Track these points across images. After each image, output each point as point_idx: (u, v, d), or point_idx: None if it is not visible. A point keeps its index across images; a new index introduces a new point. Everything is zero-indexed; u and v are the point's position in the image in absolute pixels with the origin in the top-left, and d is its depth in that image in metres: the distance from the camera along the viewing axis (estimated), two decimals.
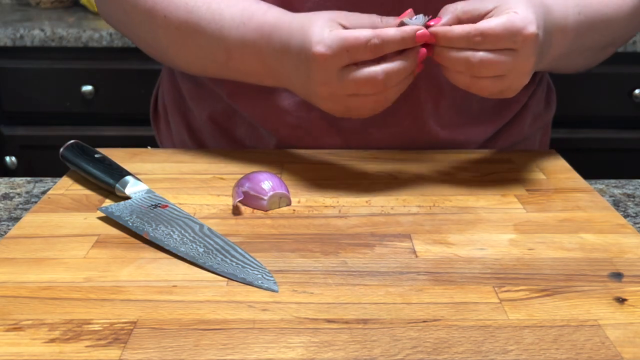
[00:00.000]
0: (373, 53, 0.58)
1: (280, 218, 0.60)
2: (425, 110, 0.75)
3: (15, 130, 1.78)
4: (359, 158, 0.74)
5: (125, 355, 0.40)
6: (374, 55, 0.58)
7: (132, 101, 1.75)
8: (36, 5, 2.03)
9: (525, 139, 0.84)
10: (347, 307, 0.45)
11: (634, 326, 0.44)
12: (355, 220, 0.59)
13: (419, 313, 0.45)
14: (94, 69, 1.72)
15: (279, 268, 0.51)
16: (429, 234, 0.56)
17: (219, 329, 0.43)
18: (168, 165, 0.72)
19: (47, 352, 0.41)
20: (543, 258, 0.53)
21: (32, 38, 1.68)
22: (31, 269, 0.50)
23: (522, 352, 0.41)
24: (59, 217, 0.59)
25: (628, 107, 1.72)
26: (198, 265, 0.51)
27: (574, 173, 0.70)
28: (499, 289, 0.48)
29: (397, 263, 0.52)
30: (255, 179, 0.62)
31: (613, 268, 0.51)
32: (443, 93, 0.75)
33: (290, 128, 0.76)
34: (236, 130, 0.80)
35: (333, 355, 0.41)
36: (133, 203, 0.60)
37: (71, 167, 0.68)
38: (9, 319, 0.44)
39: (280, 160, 0.73)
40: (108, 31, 1.67)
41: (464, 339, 0.42)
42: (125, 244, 0.54)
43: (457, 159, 0.74)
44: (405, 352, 0.41)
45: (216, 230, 0.55)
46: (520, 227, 0.58)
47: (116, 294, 0.47)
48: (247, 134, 0.80)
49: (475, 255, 0.53)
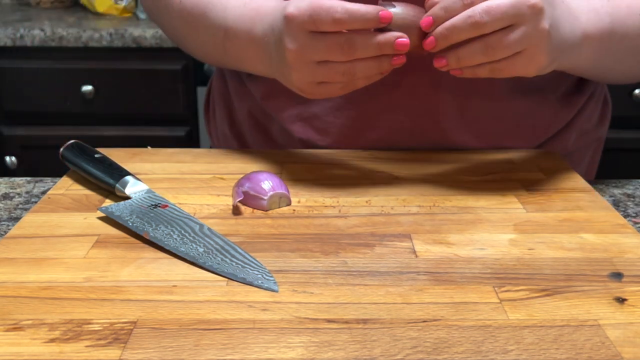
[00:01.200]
0: (336, 24, 0.57)
1: (280, 218, 0.60)
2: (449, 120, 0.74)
3: (15, 130, 1.78)
4: (359, 158, 0.74)
5: (125, 355, 0.40)
6: (336, 27, 0.58)
7: (132, 101, 1.75)
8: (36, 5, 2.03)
9: (569, 155, 0.81)
10: (347, 307, 0.45)
11: (634, 326, 0.44)
12: (355, 220, 0.59)
13: (419, 313, 0.45)
14: (94, 69, 1.72)
15: (279, 268, 0.51)
16: (429, 234, 0.56)
17: (219, 329, 0.43)
18: (168, 165, 0.72)
19: (47, 352, 0.41)
20: (543, 258, 0.53)
21: (32, 38, 1.68)
22: (31, 269, 0.50)
23: (522, 352, 0.41)
24: (59, 217, 0.59)
25: (628, 107, 1.72)
26: (198, 265, 0.51)
27: (574, 173, 0.70)
28: (499, 289, 0.48)
29: (397, 263, 0.52)
30: (255, 179, 0.62)
31: (613, 268, 0.51)
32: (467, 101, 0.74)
33: (317, 133, 0.77)
34: (271, 128, 0.82)
35: (333, 355, 0.41)
36: (133, 203, 0.60)
37: (71, 167, 0.68)
38: (9, 319, 0.44)
39: (280, 160, 0.73)
40: (108, 31, 1.68)
41: (464, 339, 0.42)
42: (125, 244, 0.54)
43: (457, 159, 0.74)
44: (405, 352, 0.41)
45: (216, 230, 0.55)
46: (520, 227, 0.58)
47: (116, 294, 0.47)
48: (279, 133, 0.81)
49: (475, 255, 0.53)
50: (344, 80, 0.61)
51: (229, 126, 0.87)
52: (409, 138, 0.75)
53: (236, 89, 0.84)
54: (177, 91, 1.71)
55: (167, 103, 1.73)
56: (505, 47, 0.57)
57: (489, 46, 0.57)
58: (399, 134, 0.75)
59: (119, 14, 1.88)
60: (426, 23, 0.59)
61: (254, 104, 0.82)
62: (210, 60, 0.77)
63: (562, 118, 0.79)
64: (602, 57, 0.67)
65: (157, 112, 1.76)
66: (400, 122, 0.74)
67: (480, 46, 0.57)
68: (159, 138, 1.76)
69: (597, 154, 0.87)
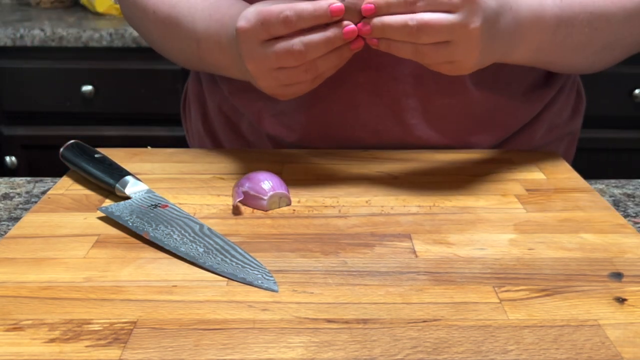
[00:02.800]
0: (288, 27, 0.58)
1: (280, 218, 0.60)
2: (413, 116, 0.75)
3: (15, 130, 1.78)
4: (359, 158, 0.74)
5: (125, 355, 0.40)
6: (289, 29, 0.58)
7: (132, 101, 1.75)
8: (36, 5, 2.03)
9: (536, 149, 0.81)
10: (347, 307, 0.45)
11: (634, 326, 0.44)
12: (355, 220, 0.59)
13: (419, 313, 0.45)
14: (94, 69, 1.72)
15: (279, 268, 0.51)
16: (429, 234, 0.56)
17: (219, 329, 0.43)
18: (168, 165, 0.72)
19: (47, 352, 0.41)
20: (543, 258, 0.53)
21: (32, 38, 1.68)
22: (31, 269, 0.50)
23: (522, 352, 0.41)
24: (59, 217, 0.59)
25: (628, 107, 1.72)
26: (198, 265, 0.51)
27: (574, 173, 0.70)
28: (499, 289, 0.48)
29: (397, 263, 0.52)
30: (255, 179, 0.62)
31: (613, 268, 0.51)
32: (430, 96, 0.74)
33: (285, 129, 0.77)
34: (241, 125, 0.82)
35: (333, 355, 0.41)
36: (133, 203, 0.60)
37: (71, 167, 0.68)
38: (9, 319, 0.44)
39: (280, 160, 0.73)
40: (108, 31, 1.68)
41: (464, 339, 0.42)
42: (125, 244, 0.54)
43: (457, 159, 0.74)
44: (405, 352, 0.41)
45: (216, 230, 0.55)
46: (520, 227, 0.58)
47: (116, 294, 0.47)
48: (248, 130, 0.82)
49: (475, 255, 0.53)
50: (310, 77, 0.61)
51: (202, 124, 0.88)
52: (374, 135, 0.76)
53: (208, 86, 0.85)
54: (177, 91, 1.71)
55: (167, 103, 1.73)
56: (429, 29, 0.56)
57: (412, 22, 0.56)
58: (363, 130, 0.75)
59: (119, 14, 1.88)
60: (367, 9, 0.58)
61: (224, 100, 0.83)
62: (189, 66, 0.78)
63: (529, 112, 0.79)
64: (542, 54, 0.67)
65: (157, 112, 1.76)
66: (364, 119, 0.75)
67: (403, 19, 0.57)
68: (159, 138, 1.75)
69: (571, 148, 0.87)
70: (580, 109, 0.86)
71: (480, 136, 0.77)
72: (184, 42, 0.71)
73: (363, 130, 0.75)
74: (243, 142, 0.83)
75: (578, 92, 0.86)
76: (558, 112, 0.82)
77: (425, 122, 0.75)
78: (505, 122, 0.78)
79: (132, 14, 0.79)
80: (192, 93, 0.90)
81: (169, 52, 0.78)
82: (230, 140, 0.84)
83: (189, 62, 0.76)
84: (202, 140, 0.88)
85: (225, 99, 0.83)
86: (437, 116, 0.75)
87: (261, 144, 0.81)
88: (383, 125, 0.75)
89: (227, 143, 0.84)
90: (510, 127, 0.79)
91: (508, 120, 0.78)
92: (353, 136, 0.76)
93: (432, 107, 0.74)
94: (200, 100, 0.88)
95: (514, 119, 0.78)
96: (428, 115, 0.75)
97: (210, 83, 0.85)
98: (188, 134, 0.94)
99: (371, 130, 0.75)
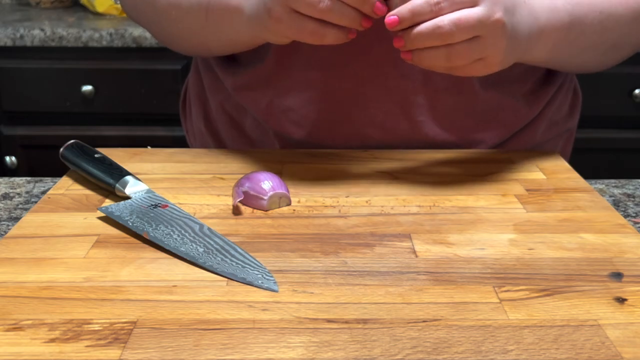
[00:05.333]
0: None
1: (280, 218, 0.60)
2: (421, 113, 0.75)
3: (15, 130, 1.78)
4: (359, 158, 0.74)
5: (125, 355, 0.40)
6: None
7: (132, 101, 1.75)
8: (36, 5, 2.03)
9: (538, 146, 0.82)
10: (347, 307, 0.45)
11: (634, 326, 0.44)
12: (355, 220, 0.59)
13: (419, 313, 0.45)
14: (94, 69, 1.72)
15: (279, 268, 0.51)
16: (429, 234, 0.56)
17: (219, 329, 0.43)
18: (168, 165, 0.72)
19: (47, 352, 0.41)
20: (543, 258, 0.53)
21: (32, 38, 1.68)
22: (31, 269, 0.50)
23: (522, 352, 0.41)
24: (59, 217, 0.59)
25: (628, 107, 1.72)
26: (198, 265, 0.51)
27: (574, 173, 0.70)
28: (499, 289, 0.48)
29: (397, 263, 0.52)
30: (255, 179, 0.62)
31: (613, 268, 0.51)
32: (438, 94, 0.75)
33: (294, 126, 0.77)
34: (244, 124, 0.82)
35: (333, 355, 0.41)
36: (133, 203, 0.60)
37: (71, 167, 0.68)
38: (9, 319, 0.44)
39: (280, 160, 0.73)
40: (108, 31, 1.68)
41: (464, 338, 0.42)
42: (125, 244, 0.54)
43: (457, 158, 0.74)
44: (405, 352, 0.41)
45: (216, 230, 0.55)
46: (520, 227, 0.58)
47: (116, 294, 0.47)
48: (253, 128, 0.81)
49: (475, 255, 0.53)
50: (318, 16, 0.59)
51: (204, 123, 0.87)
52: (381, 131, 0.76)
53: (210, 84, 0.85)
54: (177, 91, 1.71)
55: (167, 103, 1.73)
56: (461, 27, 0.57)
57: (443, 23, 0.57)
58: (371, 127, 0.76)
59: (119, 14, 1.88)
60: (391, 23, 0.58)
61: (227, 98, 0.82)
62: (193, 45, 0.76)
63: (532, 110, 0.80)
64: (557, 53, 0.69)
65: (157, 112, 1.76)
66: (372, 116, 0.75)
67: (434, 23, 0.57)
68: (159, 138, 1.75)
69: (568, 145, 0.88)
70: (577, 106, 0.87)
71: (485, 134, 0.78)
72: (190, 14, 0.70)
73: (371, 126, 0.76)
74: (246, 140, 0.83)
75: (575, 89, 0.87)
76: (557, 109, 0.84)
77: (432, 119, 0.76)
78: (509, 121, 0.79)
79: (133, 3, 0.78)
80: (193, 92, 0.89)
81: (172, 35, 0.76)
82: (233, 138, 0.84)
83: (194, 38, 0.74)
84: (204, 140, 0.88)
85: (227, 97, 0.82)
86: (444, 114, 0.76)
87: (266, 142, 0.81)
88: (391, 121, 0.75)
89: (230, 142, 0.84)
90: (514, 125, 0.79)
91: (512, 118, 0.79)
92: (361, 133, 0.76)
93: (439, 105, 0.75)
94: (202, 99, 0.87)
95: (518, 117, 0.79)
96: (435, 113, 0.75)
97: (212, 81, 0.84)
98: (188, 134, 0.94)
99: (379, 126, 0.76)
